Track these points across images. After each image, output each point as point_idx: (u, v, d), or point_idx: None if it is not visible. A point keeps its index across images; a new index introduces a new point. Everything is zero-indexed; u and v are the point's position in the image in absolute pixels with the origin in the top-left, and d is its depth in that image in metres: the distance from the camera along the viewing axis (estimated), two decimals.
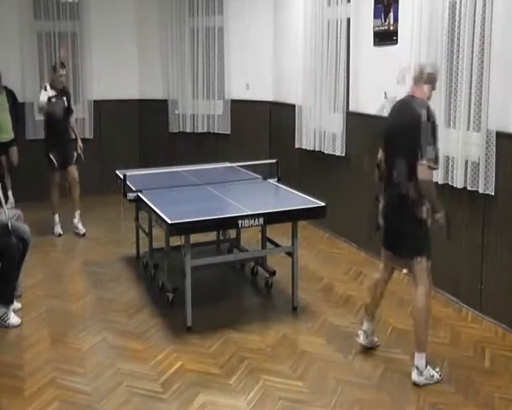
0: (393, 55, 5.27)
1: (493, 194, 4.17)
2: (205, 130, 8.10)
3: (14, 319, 4.27)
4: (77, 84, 8.01)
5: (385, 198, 3.65)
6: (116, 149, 6.35)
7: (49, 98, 6.29)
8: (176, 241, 4.43)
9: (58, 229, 6.51)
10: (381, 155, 3.70)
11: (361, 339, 3.88)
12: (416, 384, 3.46)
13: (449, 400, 3.34)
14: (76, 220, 6.54)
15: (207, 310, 4.50)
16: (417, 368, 3.49)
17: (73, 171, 6.48)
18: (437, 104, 4.62)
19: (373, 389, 3.46)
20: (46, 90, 6.34)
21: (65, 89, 6.53)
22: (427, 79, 3.50)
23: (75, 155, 6.54)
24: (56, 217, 6.54)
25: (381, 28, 5.42)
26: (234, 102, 7.87)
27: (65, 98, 6.46)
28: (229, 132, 7.97)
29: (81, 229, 6.50)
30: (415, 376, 3.49)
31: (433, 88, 3.59)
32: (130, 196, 4.80)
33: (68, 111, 6.51)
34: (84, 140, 7.99)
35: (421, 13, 4.68)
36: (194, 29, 8.02)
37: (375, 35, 5.50)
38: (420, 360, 3.49)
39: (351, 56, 5.92)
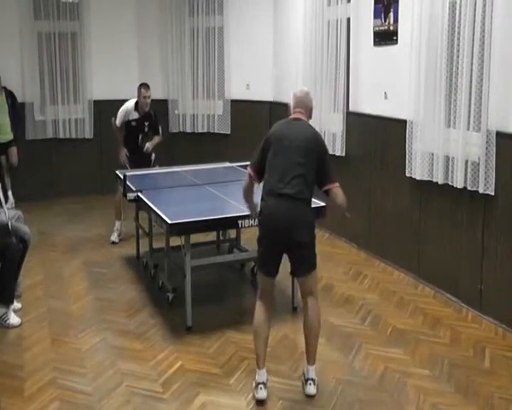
0: (393, 55, 5.27)
1: (493, 194, 4.17)
2: (205, 130, 8.11)
3: (14, 319, 4.27)
4: (77, 84, 8.01)
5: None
6: (116, 148, 6.36)
7: (129, 121, 6.12)
8: (176, 241, 4.43)
9: (114, 236, 6.16)
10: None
11: (263, 393, 3.31)
12: (312, 396, 3.33)
13: (449, 400, 3.34)
14: None
15: (207, 310, 4.50)
16: (313, 381, 3.37)
17: None
18: (437, 104, 4.63)
19: (373, 389, 3.46)
20: (133, 109, 6.07)
21: (150, 112, 6.19)
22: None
23: (152, 162, 6.33)
24: (118, 223, 6.20)
25: (381, 28, 5.42)
26: (234, 102, 7.88)
27: (147, 123, 6.16)
28: (229, 132, 7.97)
29: None
30: (312, 389, 3.34)
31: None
32: (130, 196, 4.80)
33: (147, 136, 6.22)
34: (83, 140, 8.09)
35: (421, 13, 4.68)
36: (194, 29, 8.03)
37: (375, 35, 5.50)
38: (314, 371, 3.39)
39: (351, 56, 5.92)
